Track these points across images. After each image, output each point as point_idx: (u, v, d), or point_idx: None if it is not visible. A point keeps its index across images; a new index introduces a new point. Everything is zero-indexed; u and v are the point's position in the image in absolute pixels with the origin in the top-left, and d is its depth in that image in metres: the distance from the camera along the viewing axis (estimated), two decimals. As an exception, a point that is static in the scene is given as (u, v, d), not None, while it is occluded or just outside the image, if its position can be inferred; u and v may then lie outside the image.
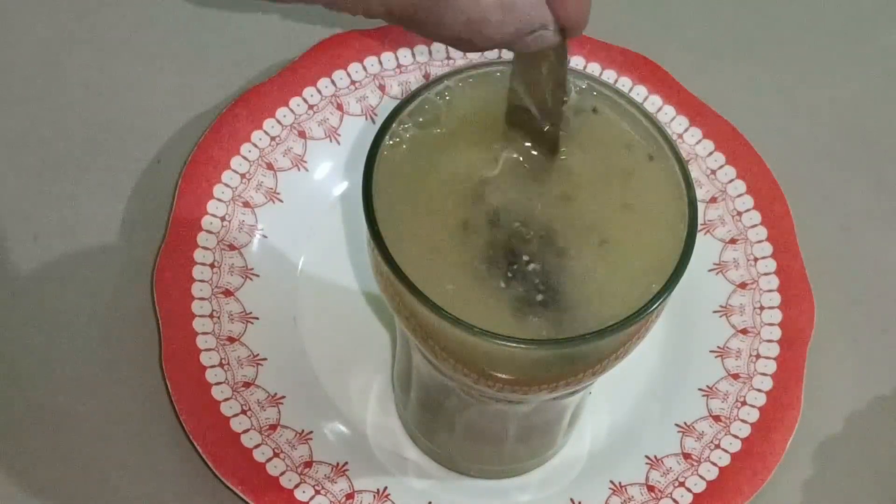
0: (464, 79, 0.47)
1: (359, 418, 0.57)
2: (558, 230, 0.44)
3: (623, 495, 0.55)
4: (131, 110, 0.64)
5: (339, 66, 0.64)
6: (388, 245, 0.43)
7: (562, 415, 0.53)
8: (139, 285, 0.59)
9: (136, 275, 0.59)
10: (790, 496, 0.56)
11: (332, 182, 0.63)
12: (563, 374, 0.44)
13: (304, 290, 0.60)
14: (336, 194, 0.62)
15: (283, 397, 0.56)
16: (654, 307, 0.43)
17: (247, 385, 0.56)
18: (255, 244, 0.60)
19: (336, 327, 0.59)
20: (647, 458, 0.56)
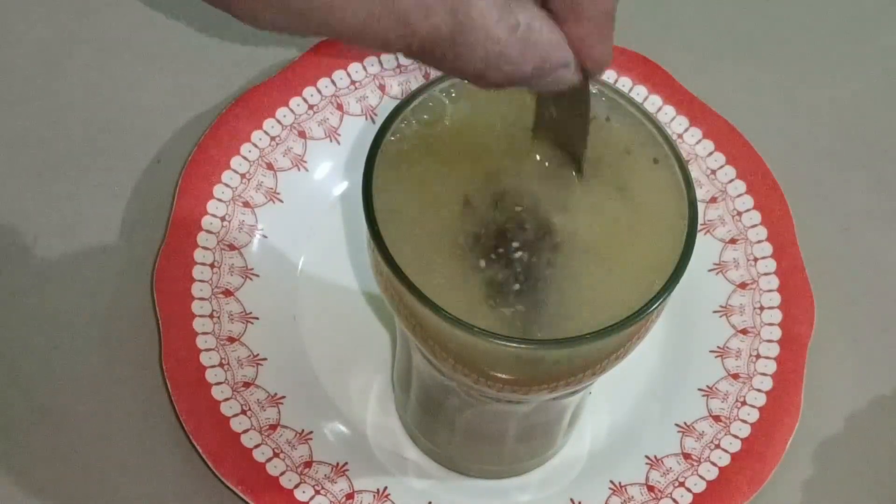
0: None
1: (359, 418, 0.57)
2: (558, 231, 0.44)
3: (623, 495, 0.55)
4: (131, 110, 0.64)
5: (339, 65, 0.64)
6: (388, 245, 0.43)
7: (562, 415, 0.53)
8: (139, 285, 0.59)
9: (136, 275, 0.59)
10: (790, 496, 0.56)
11: (332, 182, 0.62)
12: (562, 374, 0.44)
13: (304, 290, 0.60)
14: (336, 194, 0.62)
15: (283, 397, 0.56)
16: (654, 307, 0.42)
17: (247, 385, 0.56)
18: (255, 244, 0.60)
19: (336, 327, 0.59)
20: (647, 458, 0.56)
